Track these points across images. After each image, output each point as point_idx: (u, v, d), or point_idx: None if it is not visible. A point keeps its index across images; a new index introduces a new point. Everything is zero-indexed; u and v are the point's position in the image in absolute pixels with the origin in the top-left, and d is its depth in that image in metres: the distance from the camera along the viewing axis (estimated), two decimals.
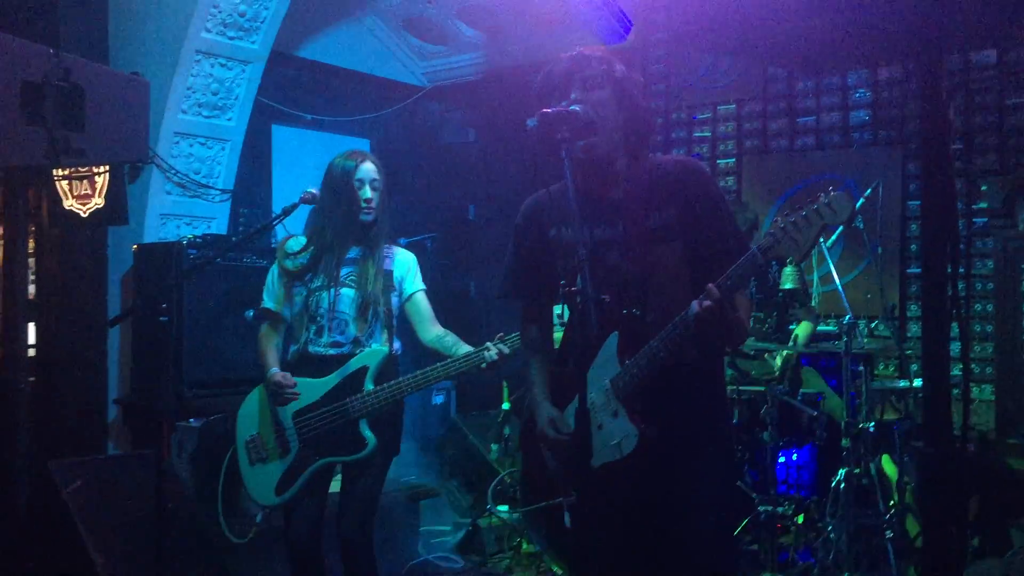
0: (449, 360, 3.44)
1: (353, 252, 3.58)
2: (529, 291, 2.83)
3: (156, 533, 3.30)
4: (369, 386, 3.45)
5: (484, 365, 3.37)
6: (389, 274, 3.60)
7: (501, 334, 3.38)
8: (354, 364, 3.49)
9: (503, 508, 5.19)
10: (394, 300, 3.61)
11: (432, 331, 3.61)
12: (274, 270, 3.66)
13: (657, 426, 2.51)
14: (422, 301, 3.66)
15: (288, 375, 3.52)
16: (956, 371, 2.28)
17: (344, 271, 3.55)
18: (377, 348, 3.51)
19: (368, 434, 3.44)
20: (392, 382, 3.45)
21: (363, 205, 3.53)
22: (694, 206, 2.57)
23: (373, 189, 3.55)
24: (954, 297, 1.81)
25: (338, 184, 3.54)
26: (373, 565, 3.51)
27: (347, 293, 3.53)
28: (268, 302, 3.65)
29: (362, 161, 3.56)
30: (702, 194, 2.59)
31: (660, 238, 2.57)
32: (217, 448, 4.59)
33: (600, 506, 2.53)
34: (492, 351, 3.36)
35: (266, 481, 3.52)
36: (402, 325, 3.69)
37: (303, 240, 3.65)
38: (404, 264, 3.67)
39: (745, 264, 2.37)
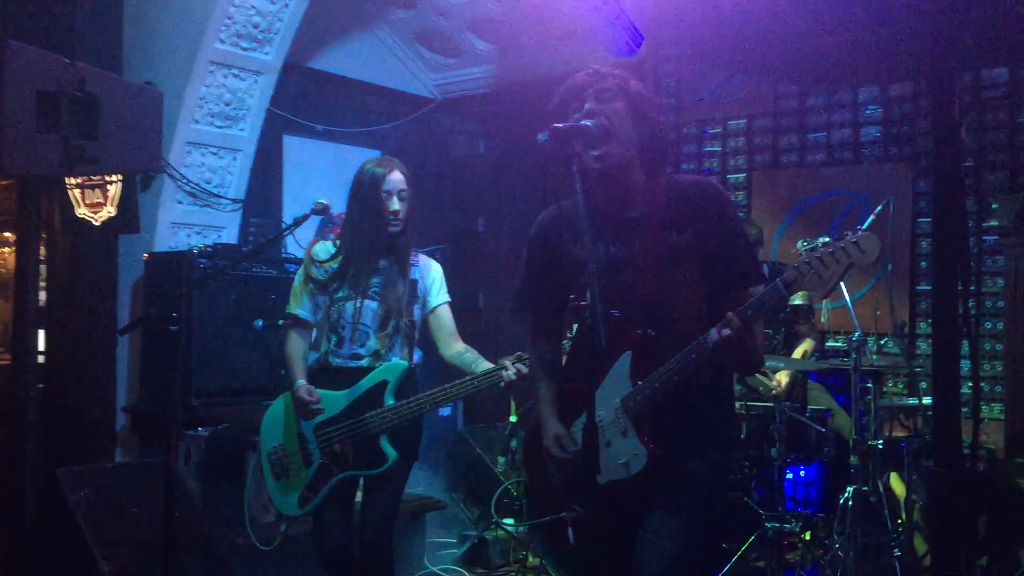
0: (468, 378, 3.41)
1: (381, 263, 3.54)
2: (541, 305, 2.81)
3: (164, 541, 3.30)
4: (389, 401, 3.42)
5: (503, 384, 3.34)
6: (414, 283, 3.56)
7: (519, 353, 3.33)
8: (374, 378, 3.46)
9: (508, 521, 5.18)
10: (416, 311, 3.58)
11: (453, 347, 3.58)
12: (300, 275, 3.62)
13: (666, 447, 2.50)
14: (445, 315, 3.62)
15: (313, 390, 3.49)
16: (966, 389, 2.26)
17: (371, 282, 3.52)
18: (397, 362, 3.49)
19: (388, 449, 3.41)
20: (412, 399, 3.42)
21: (391, 217, 3.48)
22: (711, 229, 2.56)
23: (401, 200, 3.50)
24: (965, 315, 1.81)
25: (367, 195, 3.50)
26: (392, 572, 3.52)
27: (371, 305, 3.51)
28: (295, 308, 3.60)
29: (391, 171, 3.51)
30: (720, 218, 2.58)
31: (676, 259, 2.56)
32: (225, 457, 4.61)
33: (604, 523, 2.52)
34: (511, 370, 3.31)
35: (289, 493, 3.52)
36: (425, 335, 3.67)
37: (332, 248, 3.61)
38: (430, 274, 3.63)
39: (768, 296, 2.36)
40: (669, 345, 2.48)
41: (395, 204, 3.48)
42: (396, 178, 3.51)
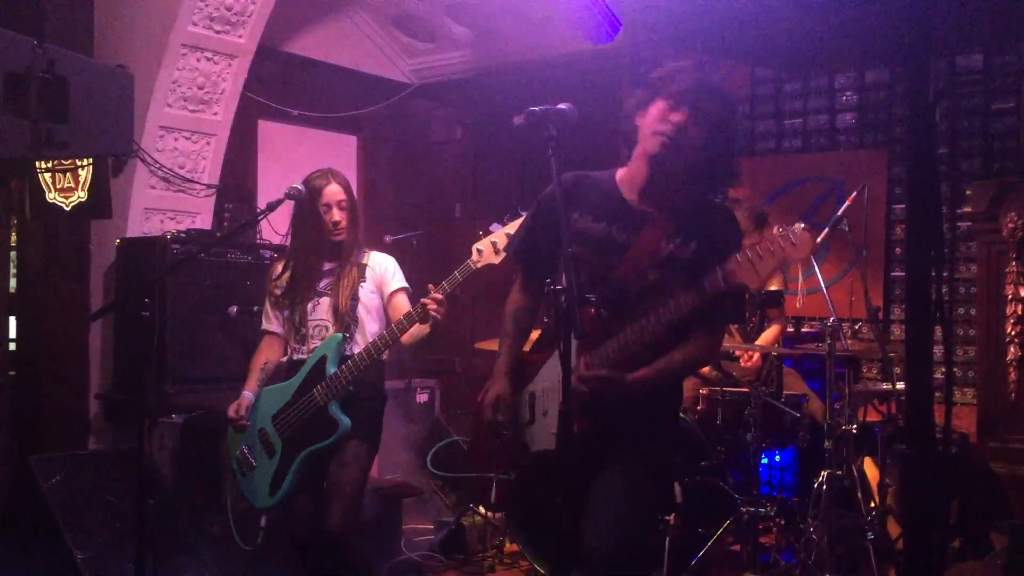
0: (394, 324, 3.49)
1: (328, 265, 3.70)
2: (530, 262, 2.85)
3: (137, 529, 3.28)
4: (331, 370, 3.52)
5: (428, 319, 3.36)
6: (363, 268, 3.69)
7: (431, 284, 3.38)
8: (315, 356, 3.58)
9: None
10: (363, 293, 3.67)
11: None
12: (267, 294, 3.82)
13: (600, 421, 2.54)
14: (402, 301, 3.72)
15: (242, 406, 3.66)
16: (939, 375, 2.29)
17: (322, 283, 3.68)
18: (332, 336, 3.58)
19: (340, 415, 3.50)
20: (347, 362, 3.50)
21: (332, 228, 3.63)
22: (714, 257, 2.52)
23: (341, 209, 3.63)
24: (938, 301, 1.82)
25: (307, 209, 3.64)
26: (363, 557, 3.56)
27: (325, 301, 3.66)
28: (265, 323, 3.83)
29: (326, 184, 3.64)
30: (726, 248, 2.54)
31: (667, 264, 2.59)
32: (200, 444, 4.58)
33: (540, 490, 2.61)
34: (429, 304, 3.33)
35: (260, 485, 3.61)
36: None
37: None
38: (383, 265, 3.76)
39: (706, 286, 2.45)
40: (618, 332, 2.53)
41: (335, 215, 3.62)
42: (333, 190, 3.64)
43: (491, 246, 3.40)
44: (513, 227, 3.27)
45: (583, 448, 2.49)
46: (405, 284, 3.77)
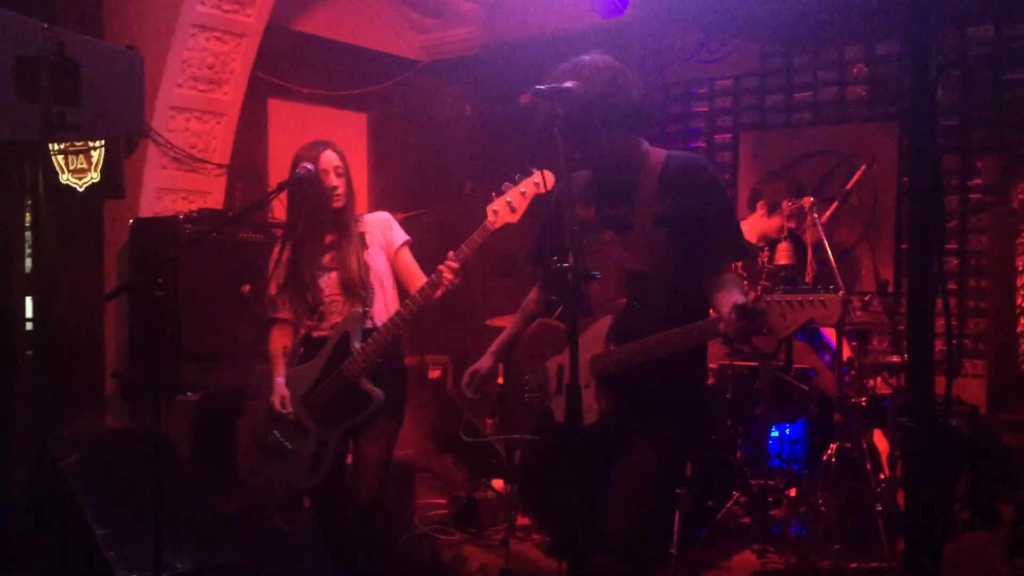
0: (414, 294, 3.49)
1: (331, 239, 3.68)
2: (544, 263, 2.94)
3: (154, 507, 3.33)
4: (357, 345, 3.55)
5: (443, 289, 3.40)
6: (362, 236, 3.70)
7: (450, 252, 3.41)
8: (337, 333, 3.60)
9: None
10: (371, 259, 3.68)
11: (419, 284, 3.65)
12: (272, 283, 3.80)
13: (621, 408, 2.63)
14: (406, 256, 3.76)
15: (286, 399, 3.65)
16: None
17: (326, 258, 3.67)
18: (351, 312, 3.59)
19: (372, 388, 3.53)
20: (374, 334, 3.53)
21: (330, 193, 3.61)
22: (694, 202, 2.66)
23: (338, 176, 3.63)
24: (939, 274, 1.83)
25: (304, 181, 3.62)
26: (385, 530, 3.62)
27: (333, 276, 3.66)
28: (270, 311, 3.79)
29: (323, 150, 3.63)
30: (703, 191, 2.68)
31: (657, 227, 2.65)
32: (215, 421, 4.64)
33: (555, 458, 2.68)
34: (445, 272, 3.39)
35: (299, 468, 3.64)
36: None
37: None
38: (379, 223, 3.76)
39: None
40: (645, 316, 2.62)
41: (333, 180, 3.62)
42: (329, 156, 3.64)
43: (506, 205, 3.32)
44: (527, 185, 3.25)
45: (604, 424, 2.59)
46: (407, 236, 3.78)
